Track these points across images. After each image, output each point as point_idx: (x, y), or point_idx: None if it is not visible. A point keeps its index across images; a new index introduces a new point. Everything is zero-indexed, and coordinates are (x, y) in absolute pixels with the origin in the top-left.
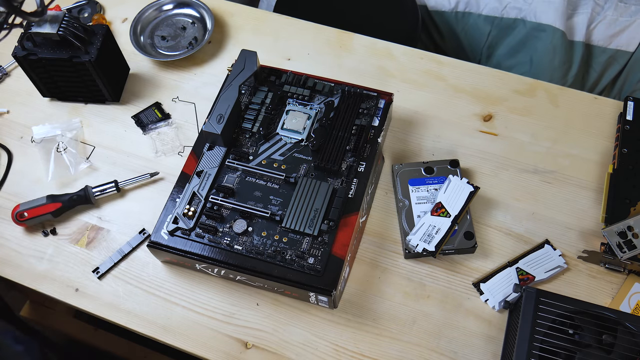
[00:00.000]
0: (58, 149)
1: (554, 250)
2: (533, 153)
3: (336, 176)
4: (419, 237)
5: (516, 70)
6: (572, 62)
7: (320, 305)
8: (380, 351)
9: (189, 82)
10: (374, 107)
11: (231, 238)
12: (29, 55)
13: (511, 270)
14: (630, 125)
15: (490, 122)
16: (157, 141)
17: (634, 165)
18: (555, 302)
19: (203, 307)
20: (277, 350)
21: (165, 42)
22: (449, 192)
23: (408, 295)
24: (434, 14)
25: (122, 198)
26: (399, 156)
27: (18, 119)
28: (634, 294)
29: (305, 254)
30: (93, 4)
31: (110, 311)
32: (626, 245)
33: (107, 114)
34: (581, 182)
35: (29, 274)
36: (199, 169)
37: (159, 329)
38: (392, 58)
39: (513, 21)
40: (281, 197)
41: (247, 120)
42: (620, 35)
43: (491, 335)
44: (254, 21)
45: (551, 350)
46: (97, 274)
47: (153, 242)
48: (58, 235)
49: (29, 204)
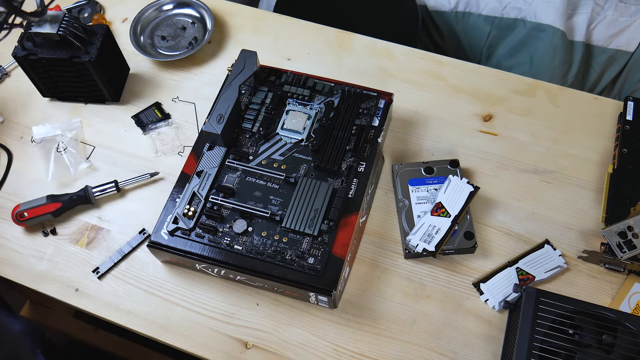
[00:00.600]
0: (58, 149)
1: (554, 250)
2: (533, 153)
3: (336, 176)
4: (419, 237)
5: (516, 70)
6: (572, 62)
7: (320, 305)
8: (380, 351)
9: (189, 82)
10: (374, 107)
11: (231, 238)
12: (29, 55)
13: (511, 270)
14: (630, 125)
15: (490, 122)
16: (157, 141)
17: (634, 165)
18: (555, 302)
19: (203, 307)
20: (277, 350)
21: (165, 42)
22: (449, 192)
23: (408, 295)
24: (434, 14)
25: (122, 198)
26: (399, 156)
27: (18, 119)
28: (634, 294)
29: (305, 254)
30: (93, 4)
31: (110, 311)
32: (626, 245)
33: (107, 114)
34: (581, 182)
35: (29, 274)
36: (199, 169)
37: (159, 329)
38: (392, 58)
39: (513, 21)
40: (281, 197)
41: (247, 120)
42: (620, 35)
43: (491, 335)
44: (254, 21)
45: (551, 350)
46: (97, 274)
47: (153, 242)
48: (58, 235)
49: (29, 204)
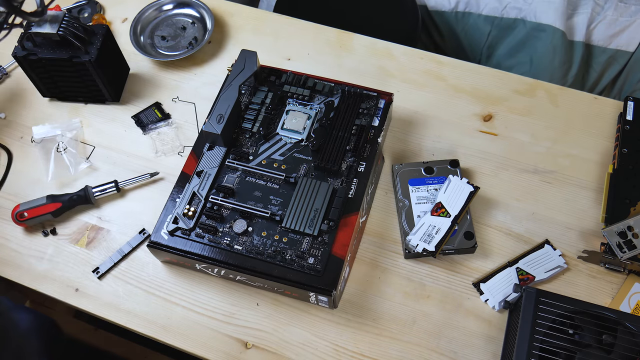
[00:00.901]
0: (58, 149)
1: (554, 250)
2: (533, 153)
3: (336, 176)
4: (419, 237)
5: (516, 70)
6: (572, 62)
7: (320, 305)
8: (380, 351)
9: (189, 82)
10: (374, 107)
11: (231, 238)
12: (29, 55)
13: (511, 270)
14: (630, 125)
15: (490, 122)
16: (157, 141)
17: (634, 165)
18: (555, 302)
19: (203, 307)
20: (277, 350)
21: (165, 42)
22: (449, 192)
23: (408, 295)
24: (434, 14)
25: (122, 198)
26: (399, 156)
27: (18, 119)
28: (634, 294)
29: (305, 254)
30: (93, 4)
31: (110, 311)
32: (626, 245)
33: (107, 114)
34: (581, 182)
35: (29, 274)
36: (199, 169)
37: (159, 329)
38: (392, 58)
39: (513, 21)
40: (281, 197)
41: (247, 120)
42: (620, 35)
43: (491, 335)
44: (254, 21)
45: (551, 350)
46: (97, 274)
47: (153, 242)
48: (58, 235)
49: (29, 204)
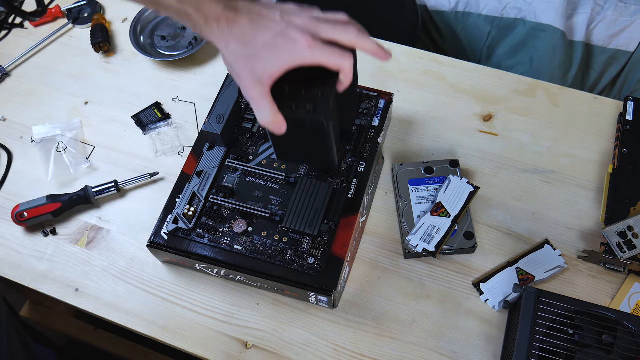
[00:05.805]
0: (58, 149)
1: (554, 250)
2: (533, 153)
3: (336, 176)
4: (419, 237)
5: (516, 70)
6: (572, 62)
7: (320, 305)
8: (380, 351)
9: (189, 82)
10: (373, 107)
11: (231, 238)
12: None
13: (511, 270)
14: (630, 125)
15: (490, 122)
16: (157, 141)
17: (634, 165)
18: (555, 302)
19: (203, 307)
20: (277, 350)
21: (165, 42)
22: (449, 192)
23: (408, 295)
24: (434, 14)
25: (122, 198)
26: (399, 156)
27: (18, 119)
28: (634, 294)
29: (305, 254)
30: (93, 4)
31: (110, 311)
32: (626, 245)
33: (107, 114)
34: (581, 182)
35: (29, 274)
36: (199, 169)
37: (159, 329)
38: (392, 58)
39: (513, 21)
40: (281, 197)
41: (247, 120)
42: (620, 35)
43: (491, 335)
44: None
45: (551, 350)
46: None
47: (153, 242)
48: (58, 235)
49: (29, 204)
